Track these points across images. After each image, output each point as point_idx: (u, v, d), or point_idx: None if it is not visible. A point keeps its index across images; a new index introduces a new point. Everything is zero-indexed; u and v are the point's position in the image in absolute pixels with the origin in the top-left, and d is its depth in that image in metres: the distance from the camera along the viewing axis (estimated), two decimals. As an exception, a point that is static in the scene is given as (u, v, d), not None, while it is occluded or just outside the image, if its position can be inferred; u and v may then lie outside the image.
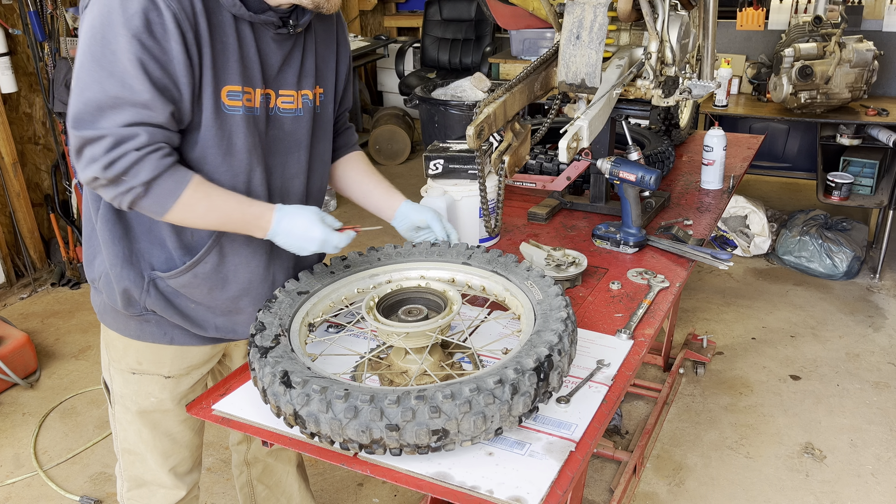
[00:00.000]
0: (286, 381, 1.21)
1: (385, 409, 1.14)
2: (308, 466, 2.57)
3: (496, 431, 1.21)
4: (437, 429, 1.15)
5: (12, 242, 3.88)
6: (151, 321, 1.52)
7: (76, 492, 2.50)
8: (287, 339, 1.37)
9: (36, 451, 2.71)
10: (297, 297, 1.50)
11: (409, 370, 1.41)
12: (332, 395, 1.16)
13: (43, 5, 3.59)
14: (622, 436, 2.71)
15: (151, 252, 1.45)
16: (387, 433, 1.14)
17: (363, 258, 1.65)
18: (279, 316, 1.42)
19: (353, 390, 1.17)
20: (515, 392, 1.19)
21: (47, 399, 3.00)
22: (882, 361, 3.15)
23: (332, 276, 1.58)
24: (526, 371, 1.21)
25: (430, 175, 2.00)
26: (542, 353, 1.24)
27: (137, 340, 1.55)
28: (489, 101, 1.77)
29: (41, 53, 3.72)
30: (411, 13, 6.79)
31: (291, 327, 1.43)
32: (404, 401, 1.14)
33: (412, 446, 1.17)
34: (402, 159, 5.69)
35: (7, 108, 3.74)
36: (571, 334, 1.35)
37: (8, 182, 3.75)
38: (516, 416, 1.22)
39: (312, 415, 1.17)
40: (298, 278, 1.55)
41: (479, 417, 1.16)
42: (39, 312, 3.69)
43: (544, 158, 2.38)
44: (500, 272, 1.56)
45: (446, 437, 1.16)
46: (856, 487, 2.47)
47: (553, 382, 1.26)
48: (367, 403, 1.14)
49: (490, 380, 1.18)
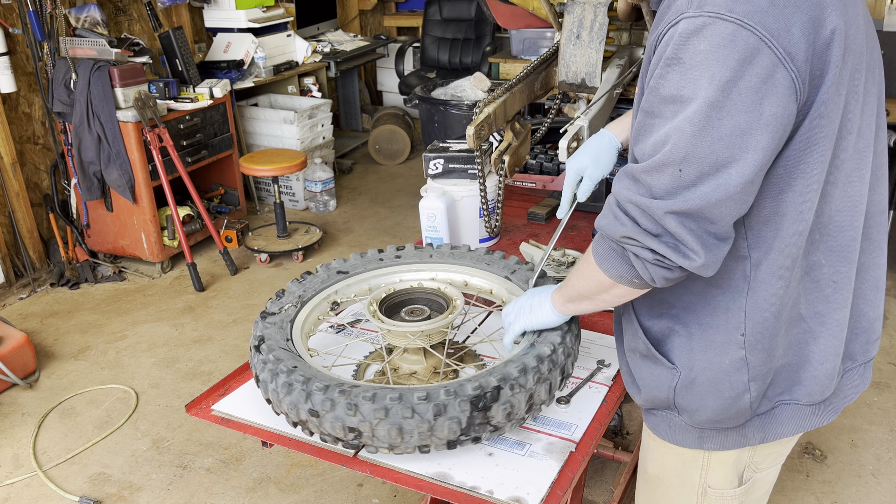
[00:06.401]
0: (258, 348, 1.32)
1: (312, 393, 1.18)
2: (308, 466, 2.57)
3: (421, 449, 1.19)
4: (352, 426, 1.16)
5: (11, 242, 3.88)
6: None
7: (75, 492, 2.49)
8: (298, 309, 1.42)
9: (35, 452, 2.71)
10: (335, 276, 1.53)
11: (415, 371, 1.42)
12: (280, 369, 1.23)
13: (42, 5, 3.58)
14: (623, 436, 2.71)
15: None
16: (309, 417, 1.19)
17: (417, 252, 1.65)
18: (305, 288, 1.46)
19: (299, 370, 1.23)
20: (440, 414, 1.15)
21: (46, 399, 3.00)
22: (882, 361, 3.14)
23: (379, 264, 1.60)
24: (461, 396, 1.16)
25: (430, 175, 2.00)
26: (490, 384, 1.18)
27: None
28: (489, 101, 1.77)
29: (40, 53, 3.71)
30: (411, 13, 6.78)
31: (310, 301, 1.45)
32: (329, 391, 1.18)
33: (331, 437, 1.21)
34: (401, 159, 5.69)
35: (6, 108, 3.73)
36: (543, 371, 1.26)
37: (7, 182, 3.74)
38: (442, 438, 1.17)
39: (264, 381, 1.28)
40: (347, 259, 1.59)
41: (395, 429, 1.15)
42: (39, 312, 3.69)
43: (544, 158, 2.37)
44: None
45: (360, 437, 1.18)
46: (856, 488, 2.47)
47: (497, 417, 1.19)
48: (300, 384, 1.20)
49: (416, 395, 1.15)
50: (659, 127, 0.99)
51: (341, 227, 4.65)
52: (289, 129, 4.72)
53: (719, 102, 0.93)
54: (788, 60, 0.92)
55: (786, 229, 1.05)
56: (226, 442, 2.70)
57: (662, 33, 0.99)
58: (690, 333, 1.15)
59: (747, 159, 0.94)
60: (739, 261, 1.08)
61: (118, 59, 3.69)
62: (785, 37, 0.92)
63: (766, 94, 0.92)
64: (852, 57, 1.00)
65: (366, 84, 6.62)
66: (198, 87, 4.10)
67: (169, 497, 2.47)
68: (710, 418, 1.18)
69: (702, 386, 1.16)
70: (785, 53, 0.92)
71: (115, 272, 4.03)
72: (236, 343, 3.37)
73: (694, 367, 1.16)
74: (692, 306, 1.15)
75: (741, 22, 0.91)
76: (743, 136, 0.93)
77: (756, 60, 0.91)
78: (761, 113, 0.93)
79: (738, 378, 1.14)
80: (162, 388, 3.05)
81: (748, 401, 1.16)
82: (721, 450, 1.24)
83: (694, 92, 0.94)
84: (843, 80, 0.99)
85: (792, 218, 1.04)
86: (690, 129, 0.94)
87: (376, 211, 4.87)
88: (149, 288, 3.92)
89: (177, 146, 3.86)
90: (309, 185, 4.76)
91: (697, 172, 0.96)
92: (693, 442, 1.24)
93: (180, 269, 4.09)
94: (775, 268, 1.07)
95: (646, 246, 1.01)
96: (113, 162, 3.68)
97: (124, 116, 3.62)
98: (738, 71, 0.91)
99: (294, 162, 4.06)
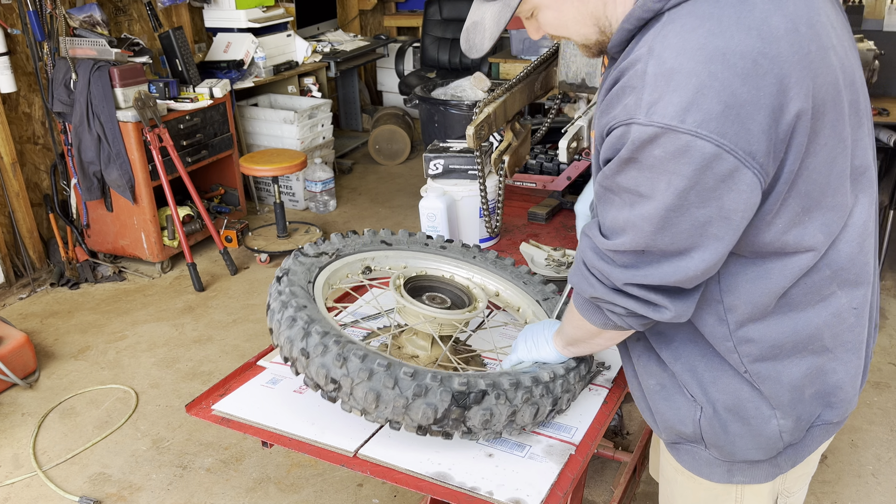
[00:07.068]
0: (279, 278, 1.38)
1: (310, 334, 1.21)
2: (308, 466, 2.57)
3: (391, 423, 1.20)
4: (335, 378, 1.18)
5: (11, 242, 3.88)
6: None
7: (75, 492, 2.49)
8: (331, 259, 1.47)
9: (35, 452, 2.70)
10: (378, 245, 1.57)
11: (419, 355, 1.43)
12: (291, 303, 1.28)
13: (42, 5, 3.58)
14: (623, 436, 2.71)
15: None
16: (300, 356, 1.22)
17: (461, 250, 1.68)
18: (346, 244, 1.53)
19: (308, 309, 1.26)
20: (419, 395, 1.16)
21: (46, 399, 3.00)
22: (882, 361, 3.14)
23: (422, 248, 1.63)
24: (445, 386, 1.17)
25: (430, 175, 2.00)
26: (478, 385, 1.18)
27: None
28: (489, 101, 1.77)
29: (40, 53, 3.71)
30: (411, 13, 6.78)
31: (346, 257, 1.50)
32: (326, 337, 1.20)
33: (312, 382, 1.23)
34: (401, 159, 5.69)
35: (6, 108, 3.73)
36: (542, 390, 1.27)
37: (7, 182, 3.74)
38: (414, 420, 1.18)
39: (272, 310, 1.33)
40: (394, 233, 1.63)
41: (373, 394, 1.17)
42: (38, 312, 3.69)
43: (544, 158, 2.37)
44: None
45: (339, 391, 1.20)
46: (856, 487, 2.47)
47: (474, 420, 1.19)
48: (303, 322, 1.23)
49: (403, 369, 1.17)
50: (618, 206, 0.98)
51: (341, 228, 4.65)
52: (289, 129, 4.72)
53: (677, 206, 0.92)
54: (750, 160, 0.89)
55: (769, 275, 1.03)
56: (226, 442, 2.70)
57: (612, 125, 0.95)
58: (698, 364, 1.14)
59: (708, 247, 0.95)
60: (712, 304, 1.08)
61: (118, 59, 3.68)
62: (744, 138, 0.88)
63: (725, 191, 0.90)
64: (830, 114, 0.96)
65: (366, 84, 6.61)
66: (198, 87, 4.10)
67: (169, 497, 2.47)
68: (740, 450, 1.15)
69: (723, 415, 1.13)
70: (746, 155, 0.88)
71: (115, 272, 4.03)
72: (236, 343, 3.37)
73: (710, 398, 1.14)
74: (691, 338, 1.14)
75: (695, 133, 0.87)
76: (703, 227, 0.93)
77: (715, 165, 0.88)
78: (721, 207, 0.91)
79: (760, 404, 1.11)
80: (162, 388, 3.05)
81: (776, 428, 1.12)
82: (752, 483, 1.20)
83: (651, 191, 0.92)
84: (820, 142, 0.95)
85: (772, 266, 1.02)
86: (649, 228, 0.94)
87: (376, 211, 4.87)
88: (149, 288, 3.92)
89: (177, 146, 3.86)
90: (309, 185, 4.76)
91: (659, 256, 0.97)
92: (722, 476, 1.20)
93: (180, 269, 4.09)
94: (758, 308, 1.05)
95: (617, 304, 1.04)
96: (113, 162, 3.68)
97: (124, 116, 3.62)
98: (695, 178, 0.89)
99: (294, 162, 4.06)
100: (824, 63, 0.94)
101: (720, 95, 0.86)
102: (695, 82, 0.87)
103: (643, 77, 0.90)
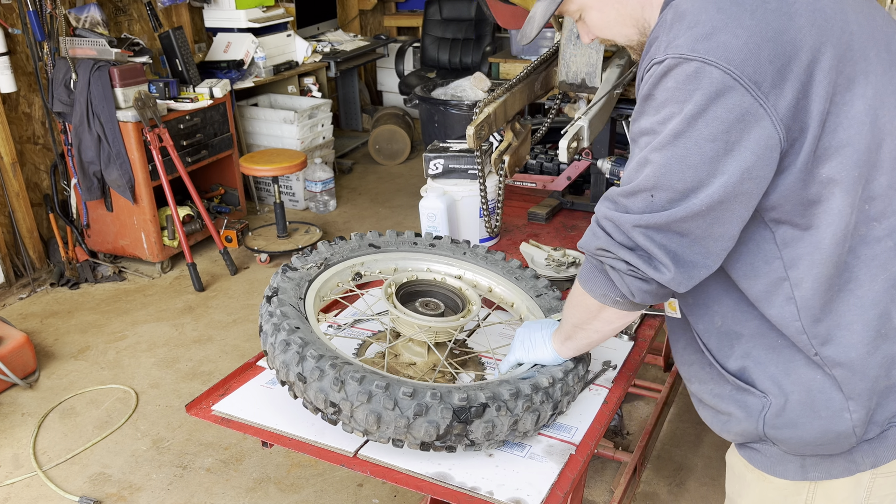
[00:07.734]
0: (269, 299, 1.36)
1: (305, 358, 1.20)
2: (308, 466, 2.57)
3: (394, 442, 1.18)
4: (334, 402, 1.18)
5: (11, 242, 3.88)
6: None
7: (75, 492, 2.49)
8: (320, 271, 1.45)
9: (35, 452, 2.70)
10: (366, 249, 1.56)
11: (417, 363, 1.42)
12: (283, 325, 1.26)
13: (42, 5, 3.58)
14: (623, 436, 2.71)
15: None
16: (297, 380, 1.21)
17: (451, 246, 1.67)
18: (333, 252, 1.51)
19: (300, 331, 1.26)
20: (420, 414, 1.15)
21: (46, 399, 3.00)
22: None
23: (412, 247, 1.62)
24: (445, 403, 1.16)
25: (430, 175, 2.00)
26: (478, 399, 1.18)
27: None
28: (489, 101, 1.77)
29: (40, 53, 3.71)
30: (411, 13, 6.78)
31: (335, 266, 1.48)
32: (321, 361, 1.19)
33: (312, 405, 1.22)
34: (401, 159, 5.69)
35: (6, 108, 3.73)
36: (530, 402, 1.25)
37: (7, 182, 3.74)
38: (417, 438, 1.17)
39: (265, 333, 1.31)
40: (382, 234, 1.62)
41: (374, 416, 1.16)
42: (38, 312, 3.69)
43: (544, 158, 2.37)
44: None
45: (339, 414, 1.19)
46: (856, 488, 2.46)
47: (477, 433, 1.19)
48: (297, 346, 1.22)
49: (402, 389, 1.15)
50: (636, 155, 1.06)
51: (341, 227, 4.65)
52: (289, 129, 4.72)
53: (685, 133, 0.97)
54: (755, 88, 0.94)
55: (821, 243, 1.02)
56: (226, 442, 2.70)
57: (646, 69, 1.04)
58: (768, 359, 1.12)
59: (714, 183, 0.98)
60: (779, 283, 1.07)
61: (118, 59, 3.68)
62: (751, 66, 0.94)
63: (737, 130, 0.95)
64: (861, 64, 0.98)
65: (366, 84, 6.61)
66: (198, 87, 4.10)
67: (169, 497, 2.47)
68: (809, 442, 1.12)
69: (794, 409, 1.11)
70: (751, 83, 0.94)
71: (115, 272, 4.03)
72: (236, 343, 3.37)
73: (783, 390, 1.11)
74: (759, 331, 1.12)
75: (703, 59, 0.95)
76: (711, 163, 0.97)
77: (725, 95, 0.94)
78: (727, 140, 0.96)
79: (833, 395, 1.09)
80: (162, 388, 3.05)
81: (849, 421, 1.09)
82: (828, 479, 1.16)
83: (663, 124, 1.00)
84: (857, 91, 0.98)
85: (825, 229, 1.02)
86: (660, 160, 1.00)
87: (376, 211, 4.87)
88: (149, 288, 3.92)
89: (177, 146, 3.86)
90: (309, 185, 4.76)
91: (668, 198, 1.01)
92: (795, 473, 1.16)
93: (180, 269, 4.09)
94: (821, 281, 1.04)
95: (619, 257, 1.06)
96: (113, 162, 3.68)
97: (124, 116, 3.62)
98: (704, 105, 0.95)
99: (294, 162, 4.06)
100: (840, 13, 0.99)
101: (729, 27, 0.95)
102: (705, 17, 0.96)
103: (664, 25, 1.02)
